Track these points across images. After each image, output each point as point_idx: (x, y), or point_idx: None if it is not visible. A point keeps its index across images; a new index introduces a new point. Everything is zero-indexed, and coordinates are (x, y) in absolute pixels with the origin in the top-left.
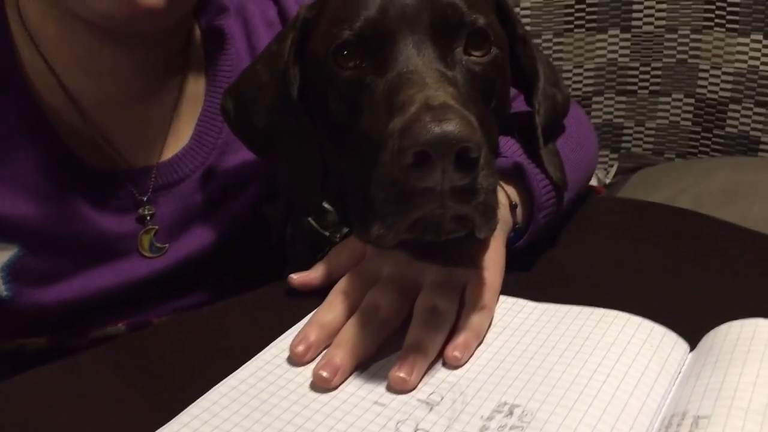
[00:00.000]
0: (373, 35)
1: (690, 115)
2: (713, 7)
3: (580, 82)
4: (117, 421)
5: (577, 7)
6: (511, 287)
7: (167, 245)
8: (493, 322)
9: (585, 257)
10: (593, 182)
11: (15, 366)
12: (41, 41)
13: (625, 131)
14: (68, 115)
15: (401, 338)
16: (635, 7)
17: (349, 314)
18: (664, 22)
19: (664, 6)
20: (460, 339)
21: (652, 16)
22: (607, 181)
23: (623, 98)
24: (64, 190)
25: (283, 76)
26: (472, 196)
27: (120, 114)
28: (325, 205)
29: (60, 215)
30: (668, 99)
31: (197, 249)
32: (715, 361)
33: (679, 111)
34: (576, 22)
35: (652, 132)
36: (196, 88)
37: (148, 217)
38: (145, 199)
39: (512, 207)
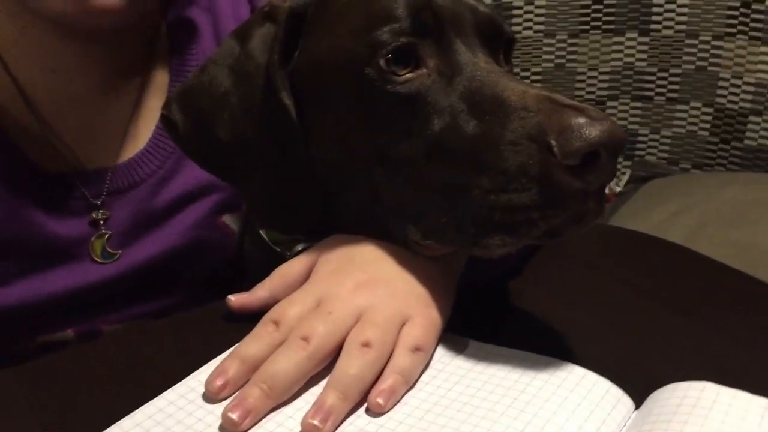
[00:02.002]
0: (428, 36)
1: (708, 125)
2: (736, 13)
3: (594, 85)
4: None
5: (593, 7)
6: (459, 321)
7: (120, 251)
8: (431, 364)
9: (545, 291)
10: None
11: None
12: None
13: (640, 138)
14: (19, 112)
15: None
16: (655, 9)
17: (277, 348)
18: (684, 27)
19: (685, 10)
20: (386, 383)
21: (672, 20)
22: (618, 189)
23: (639, 104)
24: (12, 191)
25: (265, 81)
26: (602, 193)
27: (76, 112)
28: None
29: (8, 217)
30: (686, 107)
31: (151, 256)
32: (654, 422)
33: (696, 120)
34: (592, 23)
35: (668, 141)
36: (159, 86)
37: (101, 222)
38: (98, 202)
39: None
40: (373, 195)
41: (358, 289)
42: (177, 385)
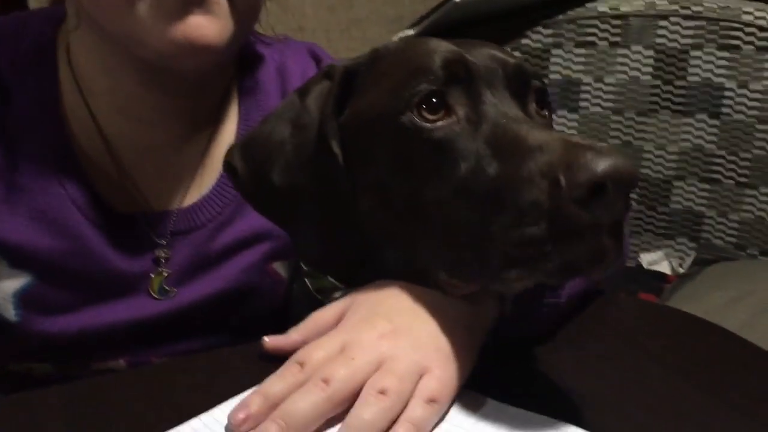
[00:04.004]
0: (459, 86)
1: None
2: None
3: (661, 164)
4: None
5: (664, 87)
6: (481, 378)
7: (176, 289)
8: (446, 418)
9: (576, 359)
10: (666, 270)
11: (24, 386)
12: (86, 84)
13: (706, 221)
14: (100, 158)
15: None
16: (726, 93)
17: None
18: (756, 112)
19: (757, 96)
20: None
21: (743, 104)
22: (682, 270)
23: (706, 186)
24: (83, 227)
25: (318, 131)
26: (620, 232)
27: (151, 159)
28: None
29: (76, 251)
30: (755, 192)
31: (204, 296)
32: None
33: (765, 206)
34: (661, 103)
35: (736, 225)
36: (226, 139)
37: (163, 260)
38: (162, 242)
39: (499, 298)
40: (407, 242)
41: (382, 338)
42: (203, 414)
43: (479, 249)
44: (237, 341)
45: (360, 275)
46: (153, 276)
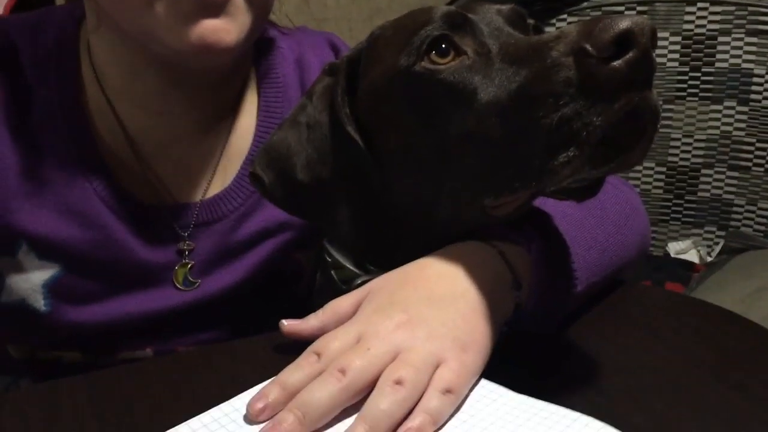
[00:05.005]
0: (461, 31)
1: None
2: None
3: (689, 152)
4: None
5: (691, 74)
6: (499, 371)
7: (200, 280)
8: (462, 408)
9: (597, 351)
10: (694, 259)
11: (54, 374)
12: (107, 81)
13: (735, 209)
14: (123, 151)
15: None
16: (755, 80)
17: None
18: None
19: None
20: (415, 422)
21: None
22: (710, 259)
23: (735, 173)
24: (108, 219)
25: (331, 121)
26: (651, 85)
27: (173, 152)
28: (336, 257)
29: (102, 242)
30: None
31: (228, 286)
32: None
33: None
34: (689, 90)
35: (765, 213)
36: (247, 129)
37: (187, 252)
38: (185, 234)
39: (515, 286)
40: (444, 191)
41: (398, 328)
42: (223, 404)
43: (522, 156)
44: (261, 331)
45: (397, 257)
46: (177, 267)
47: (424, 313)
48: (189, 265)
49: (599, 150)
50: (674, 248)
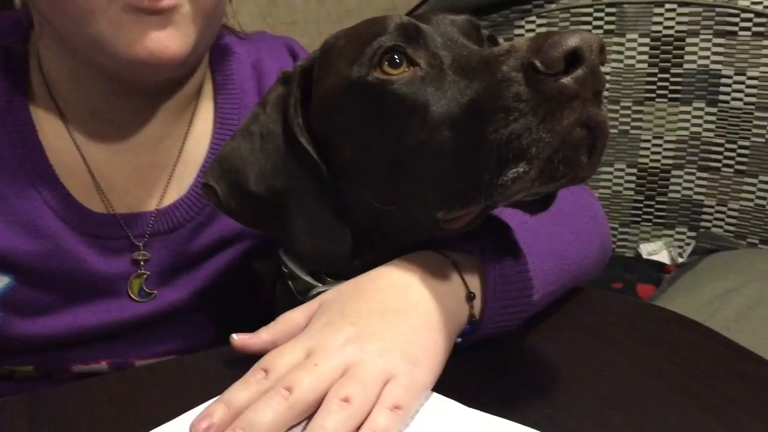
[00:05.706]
0: (414, 43)
1: None
2: None
3: (659, 153)
4: None
5: (660, 75)
6: (451, 383)
7: (156, 291)
8: (410, 424)
9: (549, 364)
10: (666, 260)
11: (7, 390)
12: (57, 90)
13: (705, 210)
14: (73, 160)
15: None
16: (723, 80)
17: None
18: (754, 99)
19: (755, 83)
20: None
21: (741, 92)
22: (681, 260)
23: (705, 175)
24: (59, 229)
25: (283, 132)
26: (600, 101)
27: (125, 160)
28: (292, 267)
29: (53, 253)
30: (755, 180)
31: (184, 297)
32: None
33: (765, 194)
34: (658, 92)
35: (735, 213)
36: (203, 136)
37: (142, 262)
38: (140, 244)
39: (468, 297)
40: (397, 201)
41: (348, 343)
42: (168, 423)
43: (472, 171)
44: (220, 342)
45: (352, 267)
46: (132, 278)
47: (374, 326)
48: (144, 276)
49: (549, 166)
50: (646, 249)
